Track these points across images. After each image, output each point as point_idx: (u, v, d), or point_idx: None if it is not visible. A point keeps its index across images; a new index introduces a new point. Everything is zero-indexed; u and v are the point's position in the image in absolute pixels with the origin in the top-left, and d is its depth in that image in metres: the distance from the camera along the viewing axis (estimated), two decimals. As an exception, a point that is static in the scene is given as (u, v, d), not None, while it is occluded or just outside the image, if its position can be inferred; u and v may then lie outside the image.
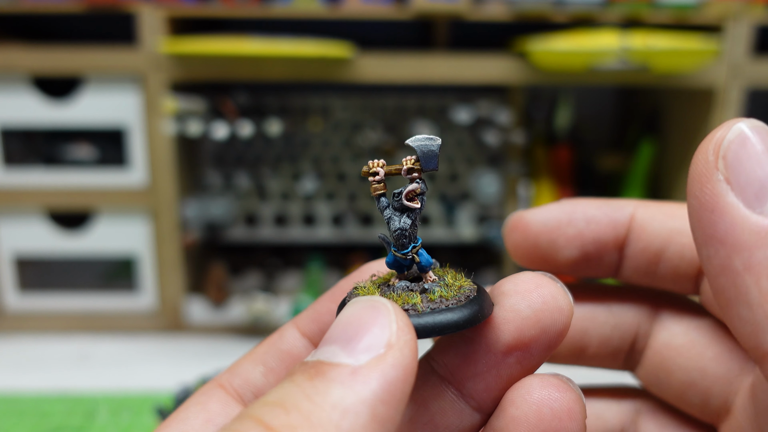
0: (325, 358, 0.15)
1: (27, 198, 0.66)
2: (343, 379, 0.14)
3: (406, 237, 0.19)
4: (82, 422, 0.49)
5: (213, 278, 0.68)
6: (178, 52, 0.60)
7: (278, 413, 0.14)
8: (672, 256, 0.22)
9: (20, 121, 0.64)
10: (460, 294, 0.18)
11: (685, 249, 0.22)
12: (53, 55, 0.62)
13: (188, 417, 0.20)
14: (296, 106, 0.72)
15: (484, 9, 0.63)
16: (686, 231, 0.22)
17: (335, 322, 0.16)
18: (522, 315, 0.18)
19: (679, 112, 0.72)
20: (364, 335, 0.15)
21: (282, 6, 0.62)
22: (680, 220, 0.22)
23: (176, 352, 0.64)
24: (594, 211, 0.23)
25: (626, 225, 0.23)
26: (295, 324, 0.22)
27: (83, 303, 0.70)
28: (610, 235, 0.23)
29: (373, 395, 0.14)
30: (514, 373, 0.18)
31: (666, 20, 0.63)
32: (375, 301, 0.16)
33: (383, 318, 0.16)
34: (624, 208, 0.23)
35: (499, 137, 0.67)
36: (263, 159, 0.73)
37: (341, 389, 0.14)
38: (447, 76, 0.63)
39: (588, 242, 0.23)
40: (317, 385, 0.14)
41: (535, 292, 0.18)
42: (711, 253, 0.16)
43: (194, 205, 0.68)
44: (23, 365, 0.61)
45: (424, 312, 0.17)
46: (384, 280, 0.20)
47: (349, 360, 0.15)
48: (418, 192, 0.19)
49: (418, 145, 0.19)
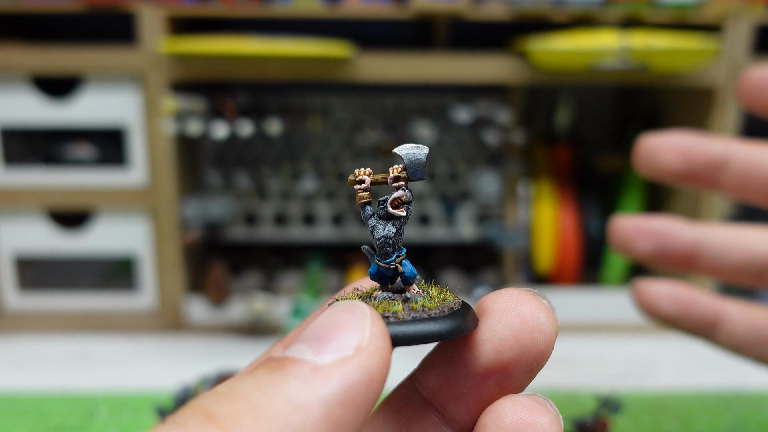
0: (291, 354, 0.15)
1: (27, 198, 0.66)
2: (301, 374, 0.14)
3: (390, 246, 0.19)
4: (82, 422, 0.49)
5: (213, 278, 0.68)
6: (178, 51, 0.60)
7: (223, 402, 0.13)
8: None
9: (20, 120, 0.65)
10: (444, 306, 0.18)
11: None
12: (53, 54, 0.62)
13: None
14: (296, 106, 0.72)
15: (484, 8, 0.63)
16: None
17: (311, 324, 0.16)
18: (499, 335, 0.17)
19: (679, 112, 0.73)
20: (335, 336, 0.15)
21: (282, 6, 0.62)
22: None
23: (176, 351, 0.64)
24: (687, 141, 0.27)
25: (718, 154, 0.27)
26: (282, 343, 0.21)
27: (83, 303, 0.70)
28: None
29: (331, 395, 0.14)
30: (494, 396, 0.18)
31: (666, 20, 0.63)
32: (353, 304, 0.16)
33: (357, 321, 0.15)
34: (715, 142, 0.28)
35: (499, 137, 0.67)
36: (263, 159, 0.73)
37: (297, 384, 0.14)
38: (447, 75, 0.63)
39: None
40: (273, 378, 0.14)
41: (514, 310, 0.18)
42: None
43: (194, 205, 0.68)
44: (23, 365, 0.61)
45: (405, 320, 0.17)
46: (368, 293, 0.20)
47: (314, 358, 0.15)
48: (404, 200, 0.18)
49: (405, 153, 0.18)
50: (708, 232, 0.32)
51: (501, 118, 0.66)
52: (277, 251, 0.78)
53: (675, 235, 0.32)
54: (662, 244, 0.32)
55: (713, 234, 0.32)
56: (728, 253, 0.31)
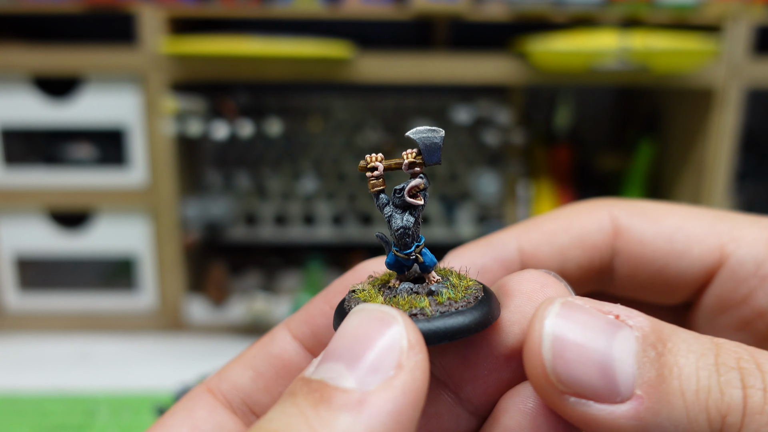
0: (328, 378, 0.14)
1: (27, 198, 0.66)
2: (349, 407, 0.13)
3: (409, 236, 0.18)
4: (82, 421, 0.49)
5: (213, 278, 0.68)
6: (178, 52, 0.60)
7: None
8: (572, 270, 0.22)
9: (20, 120, 0.65)
10: (468, 295, 0.17)
11: (577, 259, 0.22)
12: (53, 55, 0.62)
13: (174, 424, 0.19)
14: (296, 106, 0.72)
15: (484, 9, 0.63)
16: (566, 246, 0.22)
17: (339, 333, 0.15)
18: (528, 317, 0.17)
19: (678, 112, 0.73)
20: (372, 353, 0.14)
21: (282, 6, 0.62)
22: (564, 238, 0.22)
23: (176, 351, 0.64)
24: (482, 259, 0.22)
25: (516, 261, 0.22)
26: (287, 326, 0.21)
27: (83, 303, 0.70)
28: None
29: (383, 426, 0.13)
30: (516, 379, 0.17)
31: (666, 20, 0.63)
32: (383, 312, 0.15)
33: (393, 333, 0.15)
34: (507, 244, 0.22)
35: (499, 137, 0.67)
36: (263, 159, 0.73)
37: (348, 419, 0.13)
38: (447, 76, 0.63)
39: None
40: (322, 414, 0.13)
41: (541, 292, 0.17)
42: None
43: (194, 205, 0.68)
44: (23, 365, 0.61)
45: (434, 317, 0.16)
46: (382, 281, 0.19)
47: (356, 384, 0.14)
48: (421, 188, 0.18)
49: (420, 137, 0.17)
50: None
51: (501, 118, 0.66)
52: (277, 251, 0.78)
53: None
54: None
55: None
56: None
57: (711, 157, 0.66)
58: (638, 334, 0.15)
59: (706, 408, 0.14)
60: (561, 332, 0.15)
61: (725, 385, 0.14)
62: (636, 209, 0.22)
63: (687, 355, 0.15)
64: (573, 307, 0.16)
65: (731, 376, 0.14)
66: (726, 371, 0.14)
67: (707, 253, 0.21)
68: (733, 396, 0.14)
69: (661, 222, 0.22)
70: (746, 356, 0.15)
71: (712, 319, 0.22)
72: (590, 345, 0.15)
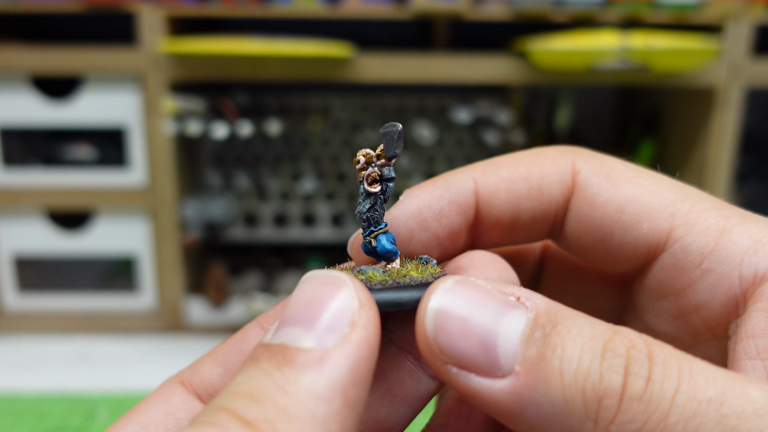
0: (288, 341, 0.15)
1: (27, 198, 0.66)
2: (311, 364, 0.14)
3: (365, 220, 0.19)
4: (82, 422, 0.49)
5: (213, 278, 0.68)
6: (178, 52, 0.60)
7: (252, 406, 0.14)
8: (525, 220, 0.21)
9: (20, 121, 0.64)
10: (427, 275, 0.18)
11: (536, 209, 0.21)
12: (53, 55, 0.62)
13: (149, 409, 0.20)
14: (296, 106, 0.72)
15: (484, 9, 0.62)
16: (527, 188, 0.21)
17: (293, 299, 0.16)
18: None
19: (679, 112, 0.72)
20: (327, 314, 0.15)
21: (282, 6, 0.62)
22: (522, 183, 0.21)
23: (176, 352, 0.64)
24: (439, 203, 0.21)
25: (472, 206, 0.21)
26: (259, 323, 0.21)
27: (83, 303, 0.70)
28: (461, 222, 0.21)
29: (344, 379, 0.14)
30: None
31: (666, 20, 0.63)
32: (333, 276, 0.16)
33: (344, 294, 0.16)
34: (465, 187, 0.21)
35: (499, 137, 0.67)
36: (263, 159, 0.73)
37: (312, 375, 0.14)
38: (447, 76, 0.63)
39: (443, 238, 0.21)
40: (287, 373, 0.14)
41: (491, 266, 0.19)
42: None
43: (194, 205, 0.68)
44: (23, 365, 0.60)
45: (386, 287, 0.17)
46: (352, 267, 0.20)
47: (315, 343, 0.15)
48: (375, 177, 0.19)
49: (382, 132, 0.19)
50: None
51: (501, 118, 0.66)
52: (276, 251, 0.78)
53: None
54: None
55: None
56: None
57: (711, 157, 0.66)
58: (531, 315, 0.16)
59: (582, 389, 0.14)
60: (446, 306, 0.16)
61: (606, 370, 0.14)
62: (599, 167, 0.21)
63: (575, 338, 0.15)
64: (465, 284, 0.16)
65: (615, 362, 0.14)
66: (611, 357, 0.14)
67: (654, 232, 0.20)
68: (612, 381, 0.14)
69: (620, 187, 0.20)
70: (641, 345, 0.15)
71: (653, 302, 0.21)
72: (474, 319, 0.16)
